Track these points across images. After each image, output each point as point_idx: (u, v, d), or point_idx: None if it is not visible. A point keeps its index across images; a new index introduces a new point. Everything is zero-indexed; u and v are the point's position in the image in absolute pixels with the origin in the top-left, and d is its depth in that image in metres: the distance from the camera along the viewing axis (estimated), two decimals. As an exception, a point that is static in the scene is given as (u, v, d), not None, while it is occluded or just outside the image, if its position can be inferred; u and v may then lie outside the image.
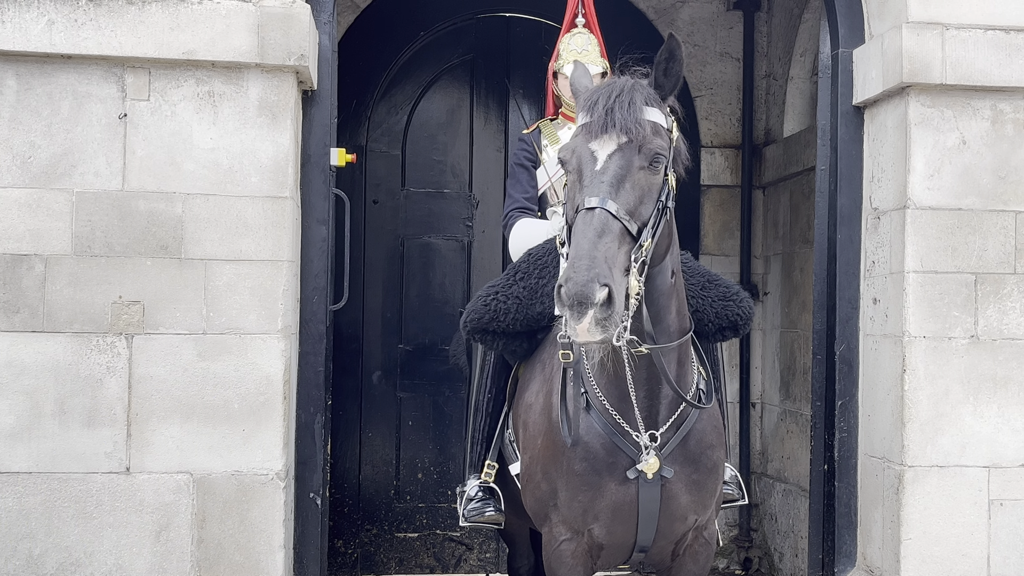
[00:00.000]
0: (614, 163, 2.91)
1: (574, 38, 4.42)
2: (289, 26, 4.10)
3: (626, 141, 2.93)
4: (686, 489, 3.31)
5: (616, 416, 3.23)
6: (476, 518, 3.87)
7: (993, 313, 4.38)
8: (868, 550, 4.57)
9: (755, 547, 6.95)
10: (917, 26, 4.35)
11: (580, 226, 2.78)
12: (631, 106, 2.97)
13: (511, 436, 3.82)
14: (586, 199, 2.84)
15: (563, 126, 4.43)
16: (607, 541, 3.33)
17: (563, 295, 2.69)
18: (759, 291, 6.96)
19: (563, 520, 3.34)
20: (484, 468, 3.92)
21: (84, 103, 4.07)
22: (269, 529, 4.12)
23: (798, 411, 6.37)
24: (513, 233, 4.27)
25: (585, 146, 2.98)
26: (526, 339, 3.83)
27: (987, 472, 4.36)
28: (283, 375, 4.14)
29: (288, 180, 4.17)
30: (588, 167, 2.94)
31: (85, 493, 4.04)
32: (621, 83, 3.04)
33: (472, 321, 3.81)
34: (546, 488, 3.40)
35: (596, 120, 2.97)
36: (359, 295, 6.62)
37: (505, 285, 3.82)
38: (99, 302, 4.06)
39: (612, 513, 3.28)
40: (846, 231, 4.68)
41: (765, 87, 7.00)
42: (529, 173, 4.37)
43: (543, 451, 3.42)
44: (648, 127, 2.97)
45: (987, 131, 4.41)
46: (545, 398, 3.49)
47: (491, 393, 3.98)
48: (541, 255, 3.89)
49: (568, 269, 2.71)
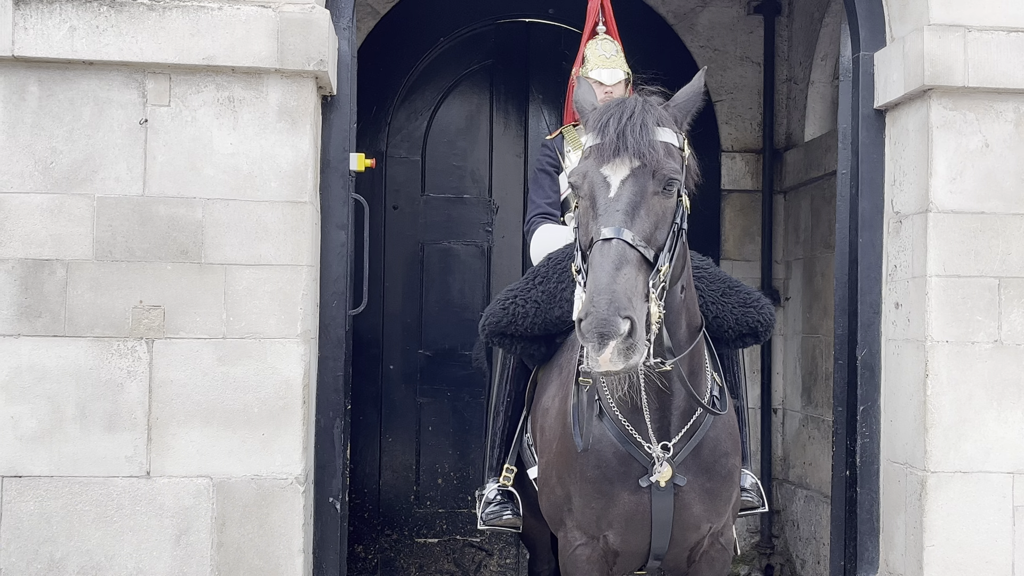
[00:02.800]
0: (628, 189, 2.85)
1: (602, 43, 4.44)
2: (308, 31, 4.12)
3: (639, 165, 2.86)
4: (699, 498, 3.30)
5: (628, 426, 3.23)
6: (494, 521, 3.87)
7: (1017, 317, 4.33)
8: (890, 557, 4.53)
9: (777, 554, 6.90)
10: (939, 28, 4.32)
11: (598, 258, 2.73)
12: (643, 128, 2.90)
13: (529, 440, 3.81)
14: (602, 229, 2.78)
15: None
16: (621, 548, 3.33)
17: (584, 329, 2.65)
18: (780, 296, 6.93)
19: (578, 525, 3.33)
20: (503, 471, 3.92)
21: (105, 109, 4.10)
22: (288, 533, 4.12)
23: (820, 417, 6.32)
24: (535, 239, 4.28)
25: (597, 171, 2.90)
26: (544, 343, 3.82)
27: (1012, 478, 4.31)
28: (302, 379, 4.14)
29: (307, 185, 4.18)
30: (601, 194, 2.87)
31: (106, 497, 4.06)
32: (632, 103, 2.97)
33: (490, 324, 3.81)
34: (560, 493, 3.40)
35: (608, 143, 2.90)
36: (379, 300, 6.64)
37: (524, 289, 3.81)
38: (120, 307, 4.08)
39: (625, 522, 3.28)
40: (868, 235, 4.64)
41: (786, 91, 6.97)
42: (552, 179, 4.38)
43: (557, 456, 3.41)
44: (661, 149, 2.91)
45: (1010, 134, 4.36)
46: (560, 402, 3.49)
47: (510, 397, 3.97)
48: (561, 259, 3.89)
49: (588, 303, 2.67)
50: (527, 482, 3.85)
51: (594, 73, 4.36)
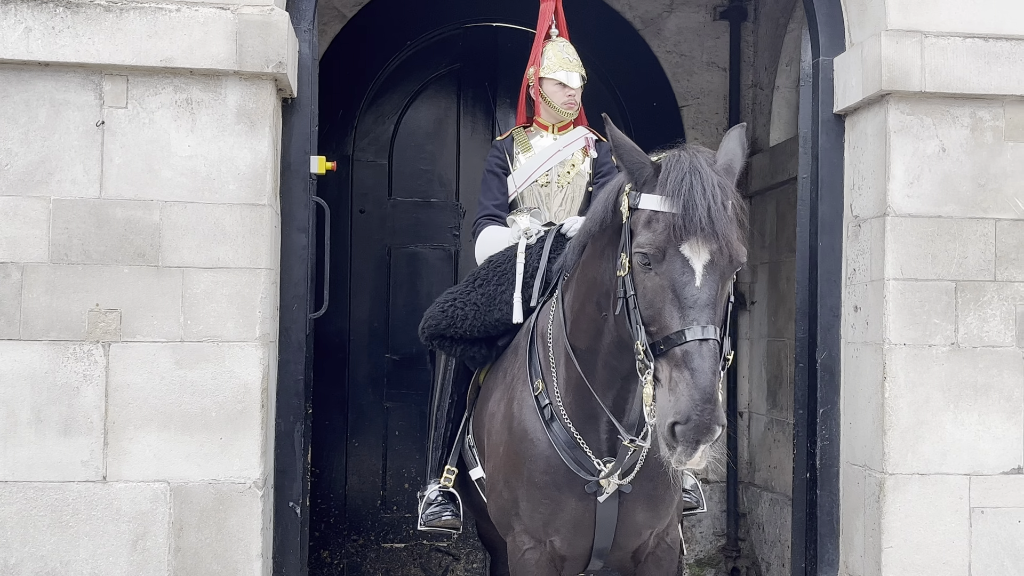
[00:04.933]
0: (711, 278, 2.74)
1: (565, 47, 4.48)
2: (267, 33, 4.10)
3: (717, 248, 2.74)
4: (643, 504, 3.33)
5: (577, 436, 3.23)
6: (434, 522, 3.89)
7: (973, 321, 4.37)
8: (850, 558, 4.55)
9: (743, 557, 6.92)
10: (896, 34, 4.36)
11: (697, 360, 2.64)
12: (724, 209, 2.75)
13: (471, 442, 3.82)
14: (695, 327, 2.68)
15: (536, 134, 4.47)
16: (568, 553, 3.36)
17: (680, 433, 2.59)
18: (746, 300, 6.96)
19: (525, 529, 3.35)
20: (444, 473, 3.92)
21: (61, 111, 4.07)
22: (247, 538, 4.10)
23: (785, 420, 6.35)
24: (479, 240, 4.31)
25: (678, 251, 2.74)
26: (485, 345, 3.83)
27: (968, 480, 4.35)
28: (261, 383, 4.12)
29: (266, 188, 4.17)
30: (685, 279, 2.73)
31: (61, 502, 4.02)
32: (708, 172, 2.79)
33: (430, 327, 3.83)
34: (508, 497, 3.41)
35: (691, 220, 2.73)
36: (345, 304, 6.62)
37: (464, 292, 3.83)
38: (76, 310, 4.04)
39: (572, 527, 3.30)
40: (827, 239, 4.67)
41: (752, 96, 7.01)
42: (500, 180, 4.40)
43: (505, 461, 3.43)
44: (737, 233, 2.79)
45: (967, 138, 4.40)
46: (506, 407, 3.50)
47: (452, 399, 3.99)
48: (501, 262, 3.90)
49: (690, 407, 2.59)
50: (470, 483, 3.86)
51: (559, 75, 4.38)
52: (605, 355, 3.14)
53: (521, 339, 3.63)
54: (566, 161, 4.37)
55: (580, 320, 3.24)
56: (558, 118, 4.43)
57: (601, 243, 3.09)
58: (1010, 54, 4.37)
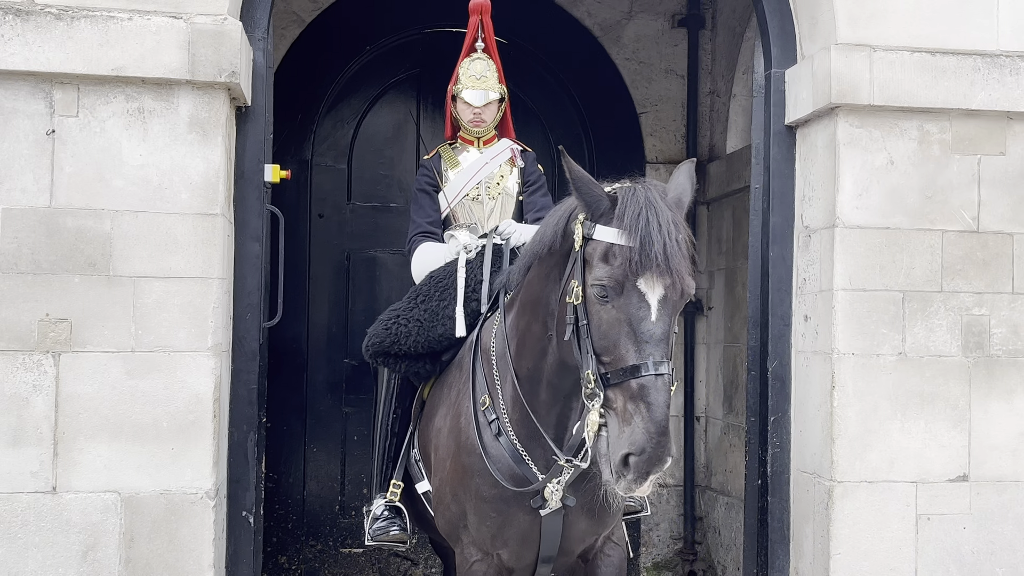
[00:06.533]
0: (666, 314, 2.81)
1: (474, 63, 4.50)
2: (220, 43, 4.09)
3: (670, 284, 2.81)
4: (587, 515, 3.38)
5: (522, 451, 3.28)
6: (381, 537, 3.90)
7: (920, 331, 4.44)
8: (800, 565, 4.61)
9: (700, 560, 6.99)
10: (846, 48, 4.42)
11: (653, 394, 2.71)
12: (678, 246, 2.82)
13: (417, 455, 3.84)
14: (652, 363, 2.74)
15: (462, 150, 4.54)
16: (515, 564, 3.41)
17: (634, 464, 2.67)
18: (704, 306, 7.02)
19: (473, 542, 3.39)
20: (390, 487, 3.94)
21: (11, 119, 4.03)
22: (199, 549, 4.09)
23: (741, 425, 6.41)
24: (415, 257, 4.35)
25: (635, 286, 2.80)
26: (429, 360, 3.86)
27: (915, 487, 4.42)
28: (213, 393, 4.11)
29: (219, 197, 4.16)
30: (642, 314, 2.79)
31: (10, 513, 3.99)
32: (666, 213, 2.84)
33: (374, 345, 3.85)
34: (456, 510, 3.44)
35: (646, 255, 2.79)
36: (304, 310, 6.60)
37: (407, 308, 3.86)
38: (25, 320, 4.01)
39: (519, 540, 3.35)
40: (779, 249, 4.73)
41: (709, 104, 7.07)
42: (431, 198, 4.45)
43: (452, 474, 3.45)
44: (689, 268, 2.86)
45: (914, 151, 4.47)
46: (453, 421, 3.52)
47: (396, 414, 4.01)
48: (442, 278, 3.93)
49: (644, 439, 2.67)
50: (416, 496, 3.88)
51: (465, 94, 4.45)
52: (549, 375, 3.20)
53: (465, 354, 3.67)
54: (494, 173, 4.45)
55: (526, 340, 3.29)
56: (471, 134, 4.48)
57: (548, 265, 3.13)
58: (956, 68, 4.44)
